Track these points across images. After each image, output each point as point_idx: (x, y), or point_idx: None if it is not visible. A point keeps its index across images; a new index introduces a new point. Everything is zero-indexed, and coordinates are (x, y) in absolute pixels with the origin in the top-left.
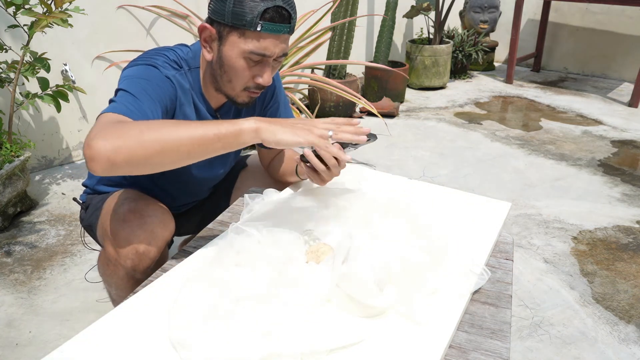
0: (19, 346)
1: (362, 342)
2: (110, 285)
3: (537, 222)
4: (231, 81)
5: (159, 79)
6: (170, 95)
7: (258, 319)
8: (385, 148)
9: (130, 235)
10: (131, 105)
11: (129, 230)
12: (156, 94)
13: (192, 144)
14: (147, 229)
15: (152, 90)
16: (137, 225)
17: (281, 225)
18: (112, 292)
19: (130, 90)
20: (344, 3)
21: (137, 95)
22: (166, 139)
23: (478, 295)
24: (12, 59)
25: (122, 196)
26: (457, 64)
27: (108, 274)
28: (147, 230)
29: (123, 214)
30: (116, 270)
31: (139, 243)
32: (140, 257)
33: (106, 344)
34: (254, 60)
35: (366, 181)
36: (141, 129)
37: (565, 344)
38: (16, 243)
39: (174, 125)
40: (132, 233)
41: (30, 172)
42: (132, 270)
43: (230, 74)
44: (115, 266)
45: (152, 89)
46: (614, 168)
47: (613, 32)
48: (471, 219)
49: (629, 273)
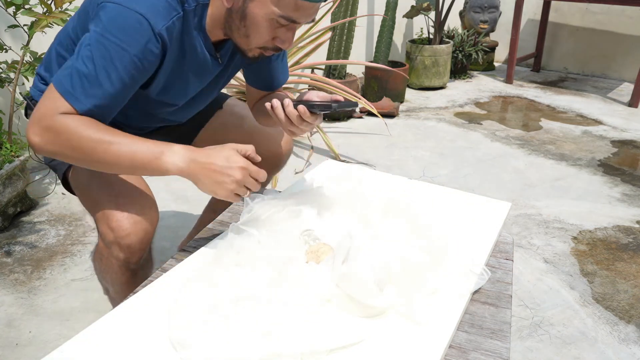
0: (19, 346)
1: (362, 342)
2: (107, 281)
3: (537, 222)
4: (249, 37)
5: (139, 48)
6: (152, 59)
7: (258, 319)
8: (385, 148)
9: (123, 214)
10: (84, 92)
11: (123, 209)
12: (125, 70)
13: (119, 168)
14: (138, 208)
15: (121, 67)
16: (129, 203)
17: (281, 225)
18: (109, 289)
19: (95, 59)
20: (344, 3)
21: (99, 73)
22: (94, 162)
23: (478, 295)
24: (12, 59)
25: (104, 181)
26: (457, 64)
27: (103, 268)
28: (139, 209)
29: (115, 197)
30: (110, 261)
31: (134, 221)
32: (137, 234)
33: (106, 344)
34: (280, 24)
35: (366, 181)
36: (74, 145)
37: (565, 344)
38: (16, 243)
39: (105, 148)
40: (127, 211)
41: (30, 172)
42: (128, 251)
43: (250, 30)
44: (110, 255)
45: (123, 64)
46: (614, 168)
47: (613, 32)
48: (471, 219)
49: (629, 273)
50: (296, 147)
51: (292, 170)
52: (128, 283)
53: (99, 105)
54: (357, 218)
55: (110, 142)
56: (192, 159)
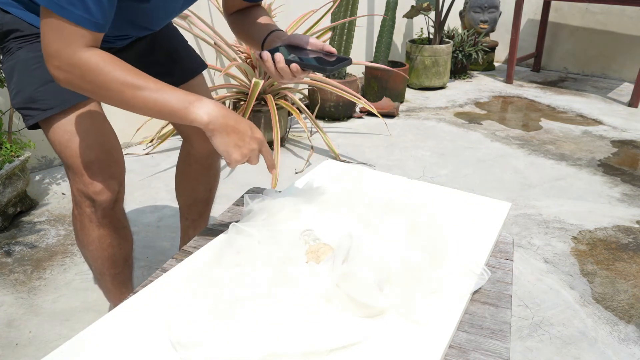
0: (19, 346)
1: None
2: (85, 247)
3: (537, 222)
4: None
5: None
6: None
7: (258, 319)
8: (385, 148)
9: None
10: (72, 2)
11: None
12: None
13: (145, 110)
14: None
15: None
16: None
17: (281, 225)
18: (86, 253)
19: None
20: (344, 3)
21: None
22: (120, 103)
23: (478, 295)
24: None
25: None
26: (457, 64)
27: (80, 234)
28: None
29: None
30: (83, 217)
31: (102, 179)
32: (108, 184)
33: (106, 344)
34: None
35: (366, 181)
36: (101, 85)
37: (565, 344)
38: (16, 243)
39: (133, 93)
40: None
41: (30, 172)
42: (98, 205)
43: None
44: (82, 212)
45: None
46: (614, 168)
47: (613, 32)
48: (471, 219)
49: (629, 273)
50: (296, 147)
51: (292, 170)
52: (100, 242)
53: (106, 16)
54: (357, 218)
55: (139, 87)
56: (222, 115)
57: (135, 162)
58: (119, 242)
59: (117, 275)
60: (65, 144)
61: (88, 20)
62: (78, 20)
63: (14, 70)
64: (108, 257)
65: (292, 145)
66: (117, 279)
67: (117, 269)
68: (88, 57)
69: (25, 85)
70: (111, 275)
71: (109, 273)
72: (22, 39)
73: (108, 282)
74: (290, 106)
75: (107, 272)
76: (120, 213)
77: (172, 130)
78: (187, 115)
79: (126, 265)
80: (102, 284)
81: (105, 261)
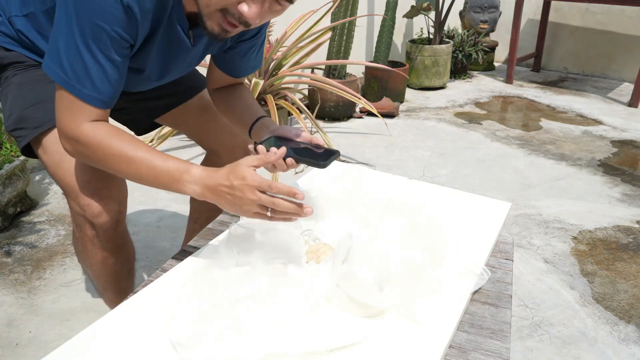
0: (19, 346)
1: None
2: (89, 267)
3: (537, 222)
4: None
5: (110, 17)
6: (129, 31)
7: (258, 319)
8: (385, 148)
9: (92, 194)
10: (82, 82)
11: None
12: (109, 42)
13: (143, 183)
14: (106, 189)
15: (103, 41)
16: (98, 183)
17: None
18: (89, 272)
19: (78, 43)
20: (344, 3)
21: (84, 56)
22: (118, 171)
23: (478, 295)
24: None
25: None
26: (457, 64)
27: (80, 249)
28: (106, 189)
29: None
30: (84, 240)
31: (103, 201)
32: (107, 213)
33: (106, 344)
34: None
35: (366, 181)
36: (100, 158)
37: (565, 344)
38: (16, 243)
39: (127, 167)
40: (95, 191)
41: (30, 172)
42: (100, 230)
43: None
44: (83, 235)
45: (103, 38)
46: (614, 168)
47: (613, 32)
48: (471, 219)
49: (629, 273)
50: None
51: (292, 171)
52: (104, 263)
53: (114, 94)
54: (357, 218)
55: (131, 161)
56: (205, 185)
57: None
58: (122, 260)
59: (120, 287)
60: (57, 164)
61: (96, 98)
62: (86, 99)
63: (8, 94)
64: (111, 274)
65: None
66: (120, 290)
67: (121, 283)
68: (89, 132)
69: (16, 107)
70: (114, 290)
71: (112, 288)
72: (20, 68)
73: (110, 293)
74: (291, 106)
75: (110, 287)
76: (122, 231)
77: (172, 130)
78: (181, 192)
79: (129, 277)
80: (105, 296)
81: (109, 277)
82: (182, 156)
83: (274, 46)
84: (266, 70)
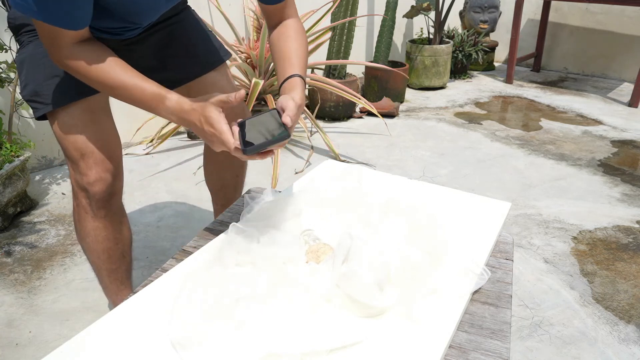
0: (19, 346)
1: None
2: (83, 240)
3: (537, 222)
4: None
5: None
6: None
7: (258, 319)
8: (385, 148)
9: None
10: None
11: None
12: None
13: (124, 101)
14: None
15: None
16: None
17: (281, 225)
18: (84, 245)
19: None
20: (344, 3)
21: None
22: (107, 93)
23: (478, 295)
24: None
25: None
26: (457, 64)
27: (76, 218)
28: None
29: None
30: (80, 209)
31: (96, 171)
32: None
33: (106, 344)
34: None
35: (366, 181)
36: (91, 81)
37: (565, 344)
38: (16, 243)
39: (113, 92)
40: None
41: (30, 172)
42: (93, 198)
43: None
44: (79, 204)
45: None
46: (614, 168)
47: (613, 32)
48: (471, 219)
49: (629, 273)
50: (296, 147)
51: (292, 170)
52: (96, 235)
53: (80, 17)
54: (357, 218)
55: (114, 87)
56: (180, 118)
57: (135, 162)
58: (115, 237)
59: (114, 271)
60: (65, 136)
61: (66, 22)
62: (57, 23)
63: (24, 63)
64: (103, 251)
65: (292, 145)
66: (114, 275)
67: (113, 265)
68: (73, 62)
69: (32, 79)
70: (107, 271)
71: (105, 268)
72: (31, 33)
73: (105, 278)
74: None
75: (104, 266)
76: (116, 207)
77: (172, 130)
78: (159, 115)
79: (123, 262)
80: (100, 279)
81: (101, 254)
82: (183, 156)
83: None
84: (266, 70)
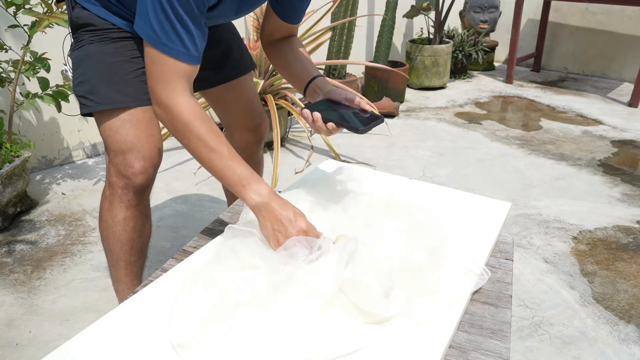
0: (19, 346)
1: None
2: (110, 228)
3: (537, 222)
4: None
5: None
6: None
7: (258, 320)
8: (385, 148)
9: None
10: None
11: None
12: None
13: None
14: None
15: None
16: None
17: None
18: (111, 250)
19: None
20: (344, 3)
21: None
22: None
23: (478, 295)
24: (12, 58)
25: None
26: (457, 64)
27: (108, 214)
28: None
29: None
30: (114, 198)
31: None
32: (146, 169)
33: (106, 344)
34: None
35: (366, 181)
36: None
37: (565, 344)
38: (16, 243)
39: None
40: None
41: (30, 172)
42: (142, 173)
43: None
44: (113, 192)
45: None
46: (614, 168)
47: (613, 32)
48: (471, 219)
49: (629, 273)
50: (296, 147)
51: (292, 170)
52: (125, 225)
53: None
54: (358, 218)
55: (213, 150)
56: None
57: None
58: (140, 229)
59: (132, 263)
60: (116, 129)
61: (185, 54)
62: (177, 56)
63: (82, 61)
64: (127, 241)
65: (292, 145)
66: (131, 267)
67: (132, 257)
68: (181, 106)
69: (89, 78)
70: (125, 262)
71: (124, 259)
72: (94, 33)
73: (121, 269)
74: (290, 106)
75: (123, 257)
76: (147, 201)
77: None
78: (240, 194)
79: (141, 256)
80: (115, 272)
81: (124, 244)
82: (183, 156)
83: None
84: (266, 70)
